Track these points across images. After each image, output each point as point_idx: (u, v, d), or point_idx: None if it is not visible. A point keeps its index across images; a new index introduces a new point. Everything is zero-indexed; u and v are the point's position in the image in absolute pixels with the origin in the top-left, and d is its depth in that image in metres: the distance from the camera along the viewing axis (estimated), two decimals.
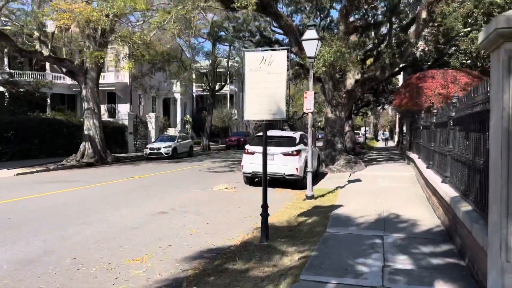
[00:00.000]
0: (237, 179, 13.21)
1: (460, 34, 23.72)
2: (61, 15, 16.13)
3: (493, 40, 2.68)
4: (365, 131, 58.13)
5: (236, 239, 6.20)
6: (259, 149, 11.57)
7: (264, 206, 5.81)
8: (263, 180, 5.88)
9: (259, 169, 11.57)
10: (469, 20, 22.91)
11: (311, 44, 8.78)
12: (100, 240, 6.16)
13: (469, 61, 24.72)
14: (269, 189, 11.68)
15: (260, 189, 11.62)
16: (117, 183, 12.91)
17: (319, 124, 56.35)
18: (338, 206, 8.20)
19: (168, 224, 7.23)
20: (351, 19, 23.19)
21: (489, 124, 3.73)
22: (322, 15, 24.50)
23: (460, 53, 25.09)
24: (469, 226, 4.06)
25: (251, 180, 12.21)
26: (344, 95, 16.97)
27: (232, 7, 11.54)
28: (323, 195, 9.81)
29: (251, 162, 11.54)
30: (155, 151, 23.83)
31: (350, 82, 17.77)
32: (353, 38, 26.11)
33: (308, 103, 9.09)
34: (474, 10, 22.19)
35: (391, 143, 48.16)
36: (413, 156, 14.65)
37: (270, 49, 5.95)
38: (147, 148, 24.50)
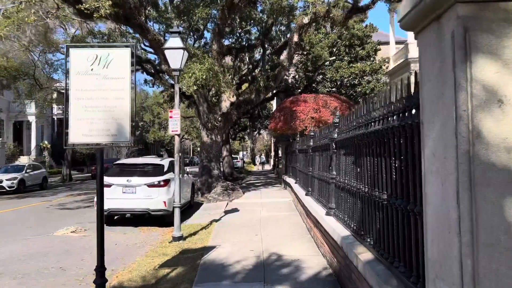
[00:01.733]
0: (92, 218, 10.76)
1: (326, 63, 25.20)
2: None
3: (433, 5, 1.60)
4: (243, 155, 58.79)
5: None
6: (118, 180, 9.62)
7: (100, 269, 4.02)
8: (98, 230, 4.12)
9: (118, 204, 9.57)
10: (334, 50, 24.47)
11: (175, 54, 7.37)
12: None
13: (334, 89, 26.39)
14: (131, 229, 9.74)
15: (120, 230, 9.60)
16: None
17: (199, 149, 55.05)
18: (211, 248, 6.76)
19: None
20: (226, 42, 22.80)
21: (395, 146, 2.72)
22: (196, 36, 23.54)
23: (327, 81, 26.70)
24: (376, 286, 2.97)
25: (109, 219, 10.03)
26: (219, 118, 15.95)
27: (79, 9, 9.52)
28: (194, 233, 8.28)
29: (107, 196, 9.33)
30: None
31: (225, 104, 16.90)
32: (229, 62, 25.82)
33: (174, 124, 7.58)
34: (338, 40, 23.78)
35: (267, 167, 49.29)
36: (290, 180, 14.18)
37: (108, 45, 4.33)
38: None
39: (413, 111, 2.51)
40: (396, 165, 2.85)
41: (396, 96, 2.90)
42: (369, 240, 3.67)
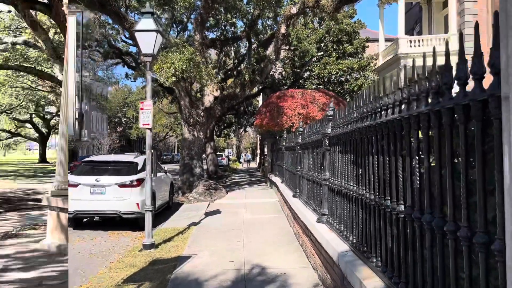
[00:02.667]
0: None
1: (313, 59, 24.52)
2: None
3: None
4: (228, 153, 57.90)
5: None
6: (86, 179, 8.70)
7: None
8: None
9: (85, 206, 8.61)
10: (322, 45, 23.80)
11: (147, 37, 6.51)
12: None
13: (321, 86, 25.75)
14: (99, 233, 8.68)
15: (88, 234, 8.56)
16: None
17: (181, 145, 53.67)
18: (186, 258, 5.94)
19: None
20: (211, 36, 21.86)
21: (419, 141, 1.95)
22: (179, 28, 22.54)
23: (314, 78, 26.04)
24: None
25: (76, 222, 9.11)
26: (202, 113, 15.09)
27: None
28: (169, 239, 7.43)
29: (74, 197, 8.46)
30: None
31: (208, 99, 16.09)
32: (214, 56, 24.90)
33: (145, 117, 6.71)
34: (326, 35, 23.10)
35: (253, 165, 48.52)
36: (276, 179, 13.44)
37: None
38: None
39: (454, 89, 1.75)
40: (423, 167, 2.08)
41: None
42: (375, 260, 2.90)
